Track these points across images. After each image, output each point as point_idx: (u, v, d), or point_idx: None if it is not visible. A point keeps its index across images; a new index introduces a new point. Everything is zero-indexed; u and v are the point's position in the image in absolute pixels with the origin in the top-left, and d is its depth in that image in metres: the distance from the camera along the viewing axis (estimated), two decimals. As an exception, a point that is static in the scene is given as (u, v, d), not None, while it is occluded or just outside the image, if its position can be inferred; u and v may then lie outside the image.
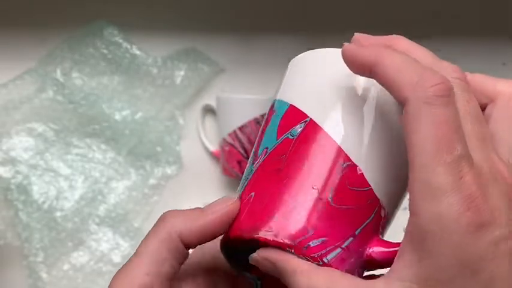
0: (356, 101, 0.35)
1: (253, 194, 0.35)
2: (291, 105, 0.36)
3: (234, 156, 0.82)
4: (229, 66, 0.88)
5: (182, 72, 0.86)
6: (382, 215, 0.36)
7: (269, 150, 0.36)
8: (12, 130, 0.84)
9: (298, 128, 0.35)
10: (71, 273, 0.82)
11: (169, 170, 0.86)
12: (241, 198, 0.36)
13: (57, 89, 0.85)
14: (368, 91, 0.35)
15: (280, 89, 0.39)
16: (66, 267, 0.82)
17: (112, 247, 0.83)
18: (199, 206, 0.88)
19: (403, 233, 0.88)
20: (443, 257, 0.29)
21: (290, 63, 0.40)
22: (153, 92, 0.86)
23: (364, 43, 0.36)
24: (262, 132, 0.37)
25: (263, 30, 0.88)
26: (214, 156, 0.87)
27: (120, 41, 0.86)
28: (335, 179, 0.33)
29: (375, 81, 0.33)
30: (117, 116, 0.85)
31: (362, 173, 0.34)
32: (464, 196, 0.28)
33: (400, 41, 0.37)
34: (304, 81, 0.37)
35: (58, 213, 0.83)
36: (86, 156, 0.85)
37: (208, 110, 0.87)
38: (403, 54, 0.32)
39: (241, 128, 0.81)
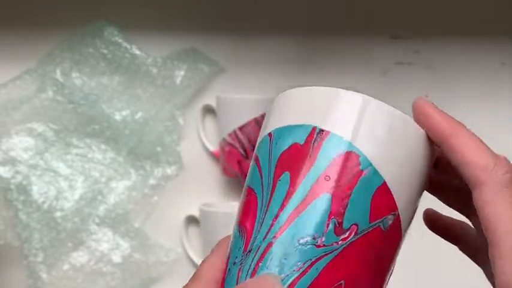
0: None
1: (343, 281, 0.32)
2: (384, 182, 0.33)
3: (234, 156, 0.82)
4: (229, 66, 0.88)
5: (182, 72, 0.87)
6: None
7: (360, 232, 0.32)
8: (12, 130, 0.85)
9: (389, 220, 0.33)
10: (70, 273, 0.82)
11: (169, 170, 0.86)
12: (323, 278, 0.31)
13: (57, 89, 0.85)
14: None
15: (369, 144, 0.33)
16: (66, 267, 0.83)
17: (112, 247, 0.83)
18: (200, 206, 0.88)
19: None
20: None
21: (375, 106, 0.34)
22: (153, 92, 0.86)
23: (435, 110, 0.36)
24: (348, 196, 0.32)
25: (263, 30, 0.88)
26: (214, 156, 0.87)
27: (120, 41, 0.87)
28: None
29: None
30: (117, 116, 0.85)
31: None
32: None
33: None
34: (399, 158, 0.33)
35: (58, 213, 0.83)
36: (86, 156, 0.86)
37: (208, 110, 0.87)
38: (475, 135, 0.35)
39: (241, 128, 0.81)
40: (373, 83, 0.88)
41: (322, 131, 0.33)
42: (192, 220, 0.85)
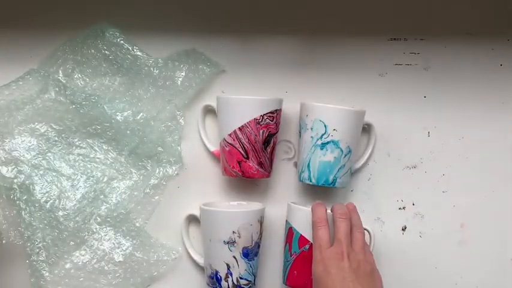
0: None
1: (295, 272, 0.81)
2: (301, 235, 0.80)
3: (234, 156, 0.82)
4: (230, 67, 0.88)
5: (183, 73, 0.87)
6: None
7: (297, 254, 0.80)
8: (14, 130, 0.85)
9: (307, 246, 0.80)
10: (73, 272, 0.83)
11: (170, 170, 0.87)
12: (289, 272, 0.81)
13: (59, 90, 0.85)
14: None
15: (295, 221, 0.81)
16: (68, 266, 0.83)
17: (114, 246, 0.84)
18: (200, 205, 0.89)
19: (402, 232, 0.89)
20: None
21: (292, 208, 0.83)
22: (154, 92, 0.87)
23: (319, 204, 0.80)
24: (290, 243, 0.81)
25: (263, 31, 0.88)
26: (214, 156, 0.87)
27: (122, 42, 0.87)
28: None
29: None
30: (119, 117, 0.86)
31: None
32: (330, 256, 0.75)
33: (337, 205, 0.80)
34: (306, 226, 0.80)
35: (60, 213, 0.84)
36: (88, 156, 0.86)
37: (209, 111, 0.88)
38: (319, 206, 0.79)
39: (241, 128, 0.81)
40: (371, 84, 0.88)
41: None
42: (192, 219, 0.86)
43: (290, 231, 0.81)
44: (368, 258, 0.75)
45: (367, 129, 0.87)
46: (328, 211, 0.79)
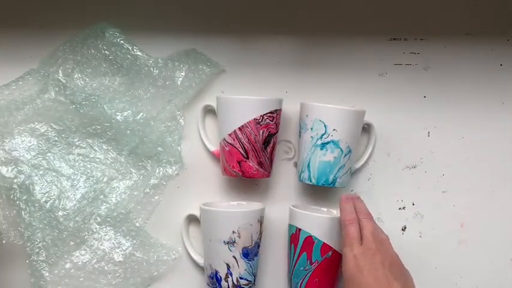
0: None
1: (317, 279, 0.80)
2: (324, 242, 0.80)
3: (234, 156, 0.82)
4: (230, 67, 0.88)
5: (183, 73, 0.87)
6: None
7: (319, 262, 0.80)
8: (14, 130, 0.85)
9: (330, 253, 0.80)
10: (73, 272, 0.83)
11: (170, 170, 0.87)
12: (308, 280, 0.81)
13: (59, 90, 0.85)
14: None
15: (314, 229, 0.80)
16: (68, 265, 0.83)
17: (114, 246, 0.84)
18: (200, 205, 0.89)
19: (402, 232, 0.88)
20: None
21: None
22: (154, 92, 0.87)
23: (348, 199, 0.79)
24: (309, 251, 0.80)
25: (263, 31, 0.88)
26: (214, 156, 0.87)
27: (122, 42, 0.87)
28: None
29: None
30: (119, 117, 0.86)
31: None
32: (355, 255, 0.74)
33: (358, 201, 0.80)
34: (329, 234, 0.80)
35: (60, 213, 0.84)
36: (88, 156, 0.86)
37: (209, 111, 0.88)
38: (348, 203, 0.78)
39: (241, 128, 0.81)
40: (371, 84, 0.88)
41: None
42: (192, 219, 0.86)
43: (309, 240, 0.80)
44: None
45: (367, 129, 0.87)
46: (338, 215, 0.79)
